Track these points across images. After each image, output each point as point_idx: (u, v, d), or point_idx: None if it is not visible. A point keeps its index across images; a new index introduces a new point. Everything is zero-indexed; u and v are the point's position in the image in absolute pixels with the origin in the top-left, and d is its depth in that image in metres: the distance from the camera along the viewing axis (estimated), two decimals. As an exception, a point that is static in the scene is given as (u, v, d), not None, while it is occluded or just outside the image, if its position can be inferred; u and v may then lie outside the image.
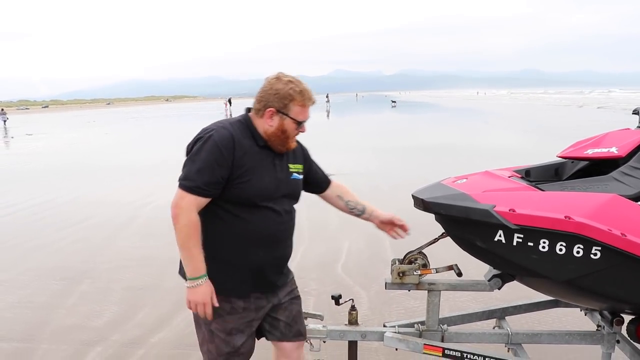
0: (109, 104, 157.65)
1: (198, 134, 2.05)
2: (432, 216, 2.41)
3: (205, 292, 2.03)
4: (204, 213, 2.03)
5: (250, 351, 2.26)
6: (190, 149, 2.05)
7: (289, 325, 2.32)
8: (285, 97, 2.04)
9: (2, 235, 6.86)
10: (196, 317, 2.18)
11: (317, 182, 2.47)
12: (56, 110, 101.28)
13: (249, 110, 2.16)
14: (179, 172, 2.01)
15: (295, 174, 2.22)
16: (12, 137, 27.30)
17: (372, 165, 11.86)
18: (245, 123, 2.11)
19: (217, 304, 2.07)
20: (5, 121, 40.60)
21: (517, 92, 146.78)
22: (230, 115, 40.86)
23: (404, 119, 35.61)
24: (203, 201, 1.99)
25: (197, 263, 2.00)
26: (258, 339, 2.34)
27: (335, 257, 5.52)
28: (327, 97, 63.81)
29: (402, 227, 2.54)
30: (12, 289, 4.91)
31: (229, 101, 60.06)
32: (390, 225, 2.54)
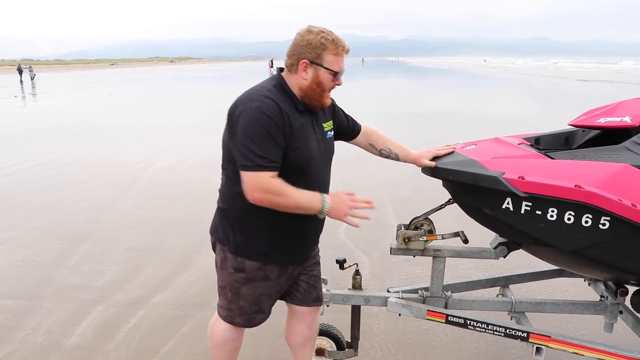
0: (113, 64, 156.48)
1: (239, 106, 1.93)
2: (438, 182, 2.37)
3: (339, 203, 1.99)
4: None
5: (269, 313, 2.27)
6: (234, 121, 1.93)
7: (308, 290, 2.31)
8: (317, 47, 1.93)
9: (6, 194, 6.88)
10: (221, 283, 2.19)
11: (346, 131, 2.38)
12: (60, 70, 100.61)
13: (281, 70, 2.06)
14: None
15: (328, 132, 2.17)
16: (15, 97, 27.17)
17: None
18: (281, 86, 2.00)
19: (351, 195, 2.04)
20: (32, 77, 41.09)
21: (526, 60, 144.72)
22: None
23: (410, 85, 35.24)
24: (275, 174, 1.90)
25: (311, 197, 1.94)
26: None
27: (338, 222, 5.51)
28: None
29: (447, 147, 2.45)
30: (17, 247, 4.94)
31: (272, 62, 58.32)
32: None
